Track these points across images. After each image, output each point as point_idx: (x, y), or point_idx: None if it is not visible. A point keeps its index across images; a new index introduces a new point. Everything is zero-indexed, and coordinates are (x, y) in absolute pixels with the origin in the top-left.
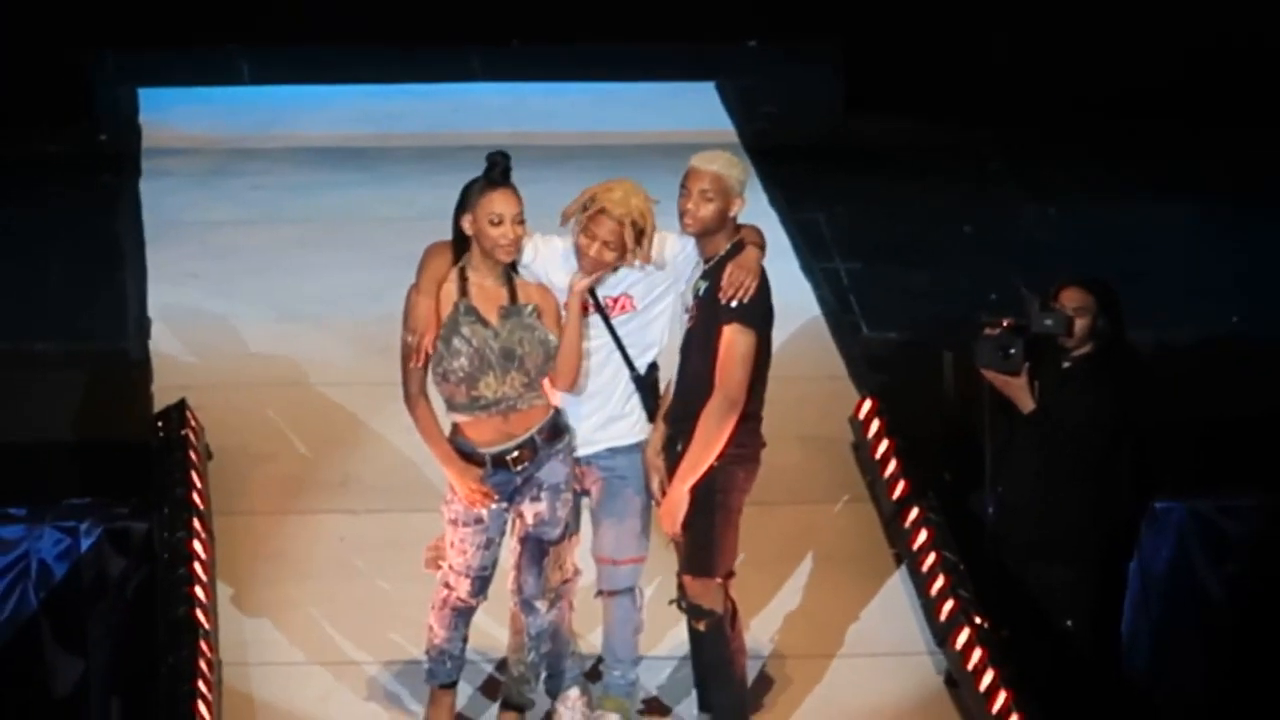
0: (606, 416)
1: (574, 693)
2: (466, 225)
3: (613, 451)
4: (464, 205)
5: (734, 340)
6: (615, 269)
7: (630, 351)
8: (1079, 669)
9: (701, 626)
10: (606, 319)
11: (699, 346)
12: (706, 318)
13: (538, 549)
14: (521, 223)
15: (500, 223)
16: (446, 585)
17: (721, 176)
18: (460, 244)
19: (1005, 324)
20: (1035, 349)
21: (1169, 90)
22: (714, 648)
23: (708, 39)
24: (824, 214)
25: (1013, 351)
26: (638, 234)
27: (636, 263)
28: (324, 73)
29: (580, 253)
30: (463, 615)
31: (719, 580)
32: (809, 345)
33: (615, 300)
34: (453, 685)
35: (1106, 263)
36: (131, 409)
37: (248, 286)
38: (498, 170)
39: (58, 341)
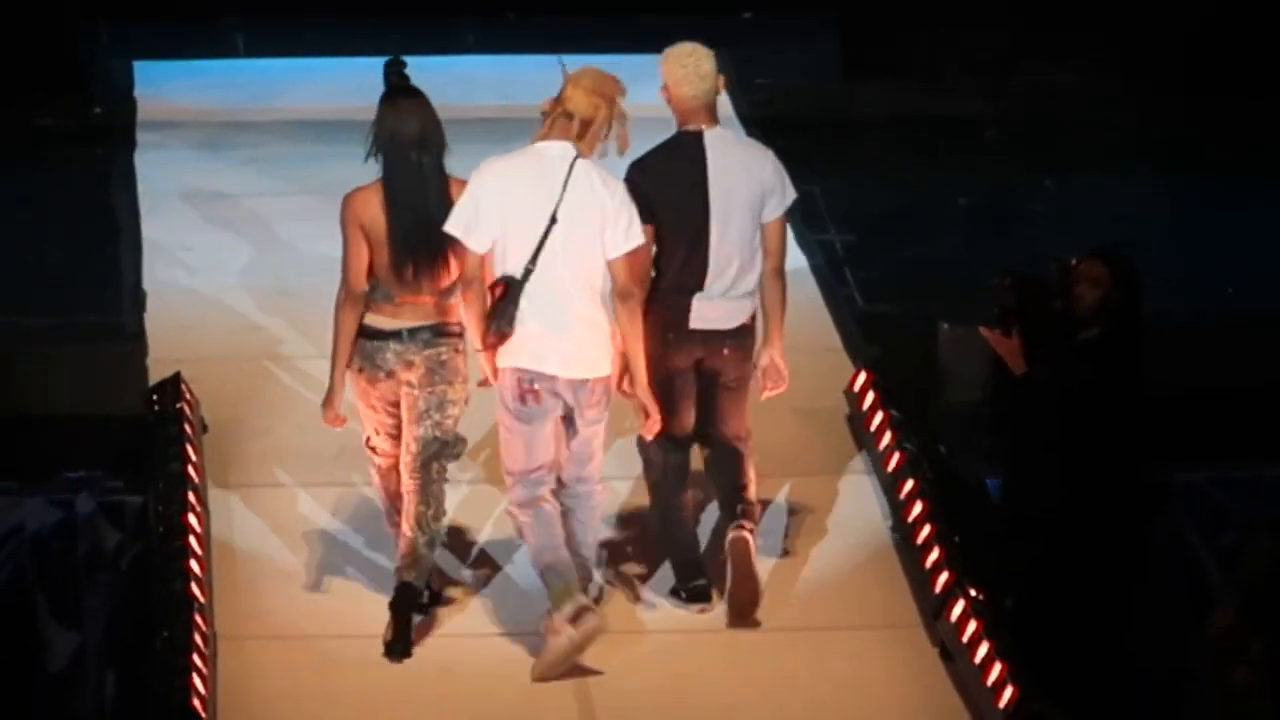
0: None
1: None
2: None
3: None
4: None
5: None
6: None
7: None
8: (1077, 642)
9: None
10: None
11: None
12: None
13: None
14: None
15: None
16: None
17: None
18: None
19: (1006, 282)
20: (1048, 319)
21: (1167, 60)
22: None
23: (703, 11)
24: (819, 186)
25: (1004, 310)
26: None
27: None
28: (318, 45)
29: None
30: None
31: None
32: (804, 317)
33: None
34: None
35: (1101, 234)
36: (126, 382)
37: (242, 259)
38: (394, 75)
39: (52, 315)
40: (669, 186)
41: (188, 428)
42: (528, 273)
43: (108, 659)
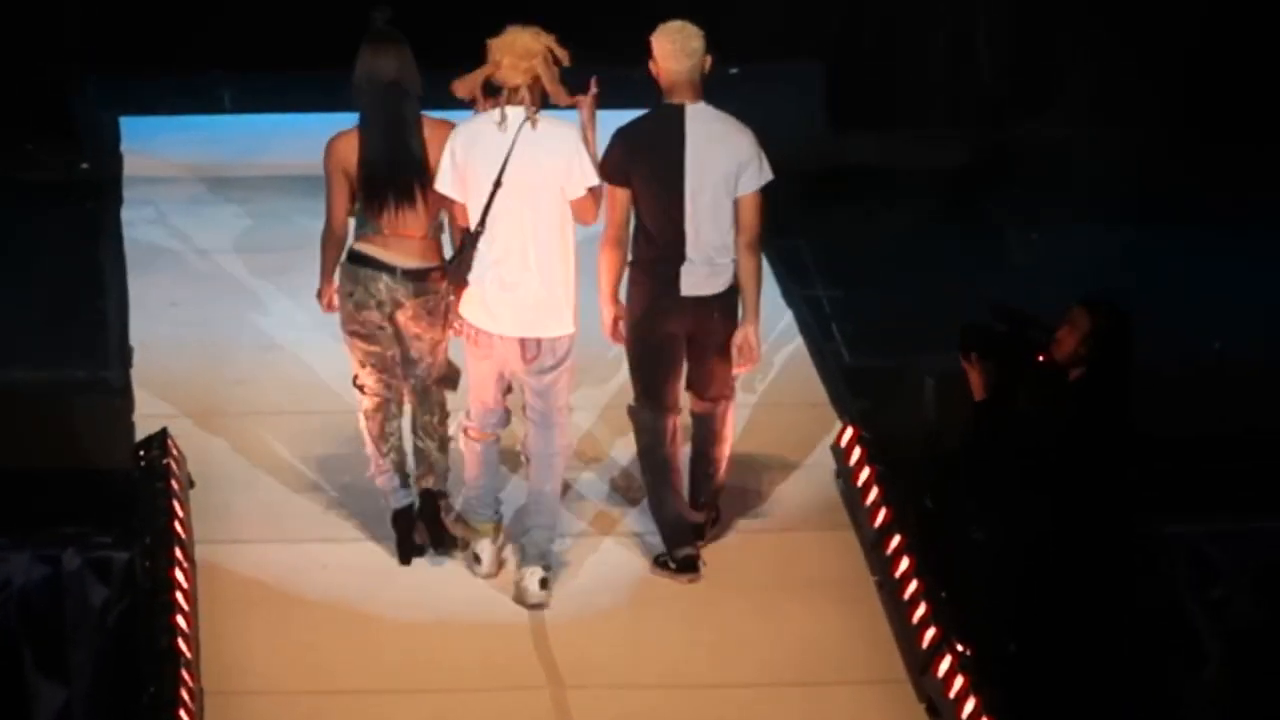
0: None
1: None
2: None
3: None
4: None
5: None
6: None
7: None
8: (1065, 694)
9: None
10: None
11: None
12: None
13: None
14: None
15: None
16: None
17: None
18: None
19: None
20: (1026, 357)
21: (1157, 110)
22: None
23: None
24: (806, 241)
25: (966, 333)
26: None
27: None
28: (305, 100)
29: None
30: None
31: None
32: (791, 372)
33: None
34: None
35: (1087, 286)
36: (113, 438)
37: (229, 314)
38: (377, 18)
39: (39, 370)
40: (647, 157)
41: (174, 483)
42: (478, 233)
43: (94, 714)
